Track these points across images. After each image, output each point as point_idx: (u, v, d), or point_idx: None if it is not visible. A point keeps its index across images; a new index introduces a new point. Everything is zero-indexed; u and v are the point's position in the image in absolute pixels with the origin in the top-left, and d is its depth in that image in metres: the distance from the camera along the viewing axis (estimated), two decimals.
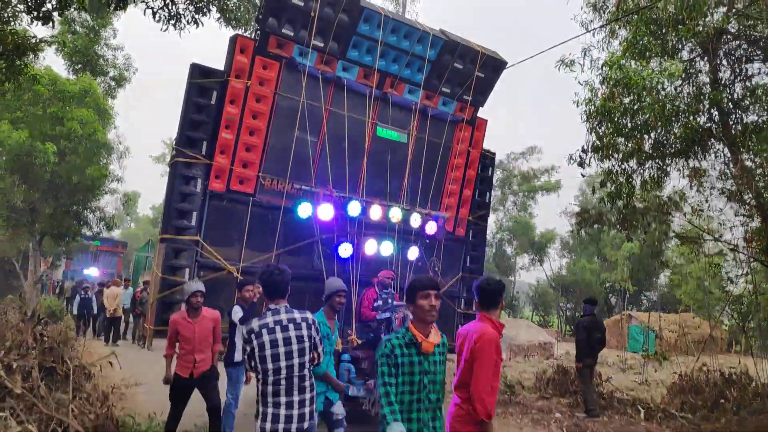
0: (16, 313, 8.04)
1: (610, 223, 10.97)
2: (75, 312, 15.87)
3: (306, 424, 3.47)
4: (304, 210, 7.01)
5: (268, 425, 3.38)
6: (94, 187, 16.10)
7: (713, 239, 11.78)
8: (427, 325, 3.29)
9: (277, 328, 3.43)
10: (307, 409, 3.48)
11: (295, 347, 3.44)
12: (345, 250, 7.37)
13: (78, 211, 16.62)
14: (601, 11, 10.85)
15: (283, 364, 3.40)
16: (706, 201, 10.72)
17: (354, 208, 7.27)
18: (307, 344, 3.51)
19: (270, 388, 3.40)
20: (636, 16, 9.06)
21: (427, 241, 8.18)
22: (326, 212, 7.05)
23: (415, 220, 7.77)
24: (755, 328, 15.90)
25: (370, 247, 7.62)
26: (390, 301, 7.18)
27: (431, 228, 7.90)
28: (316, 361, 3.68)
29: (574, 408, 9.52)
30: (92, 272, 27.28)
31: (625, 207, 10.14)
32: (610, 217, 10.95)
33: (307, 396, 3.50)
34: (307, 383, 3.51)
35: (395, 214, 7.60)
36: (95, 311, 15.87)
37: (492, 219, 37.25)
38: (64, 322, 16.35)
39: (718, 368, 10.30)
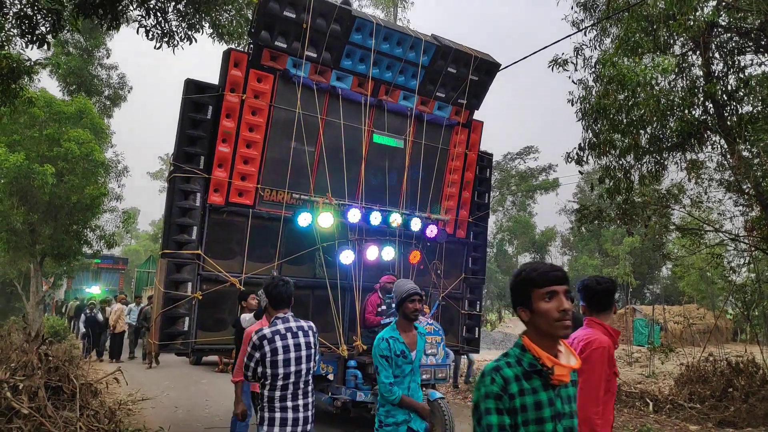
0: (19, 334, 8.04)
1: (610, 218, 11.00)
2: (82, 330, 15.77)
3: (309, 427, 3.67)
4: (304, 219, 7.04)
5: (276, 429, 3.53)
6: (93, 206, 16.11)
7: (714, 230, 11.80)
8: (556, 341, 2.00)
9: (288, 334, 3.61)
10: (310, 413, 3.69)
11: (303, 353, 3.64)
12: (346, 257, 7.39)
13: (78, 231, 16.63)
14: (592, 10, 10.92)
15: (292, 369, 3.57)
16: (705, 193, 10.77)
17: (354, 215, 7.30)
18: (312, 351, 3.71)
19: (278, 393, 3.56)
20: (627, 14, 9.11)
21: (428, 244, 8.20)
22: (326, 220, 7.07)
23: (416, 224, 7.78)
24: (759, 316, 15.91)
25: (372, 252, 7.64)
26: (393, 305, 7.19)
27: (432, 231, 7.92)
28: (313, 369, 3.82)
29: None
30: (94, 290, 27.28)
31: (625, 202, 10.18)
32: (610, 213, 10.98)
33: (310, 400, 3.72)
34: (309, 388, 3.72)
35: (395, 219, 7.62)
36: (100, 329, 15.77)
37: (492, 219, 37.34)
38: (68, 340, 16.35)
39: (725, 357, 10.32)
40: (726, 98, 9.34)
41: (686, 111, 9.29)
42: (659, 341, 21.72)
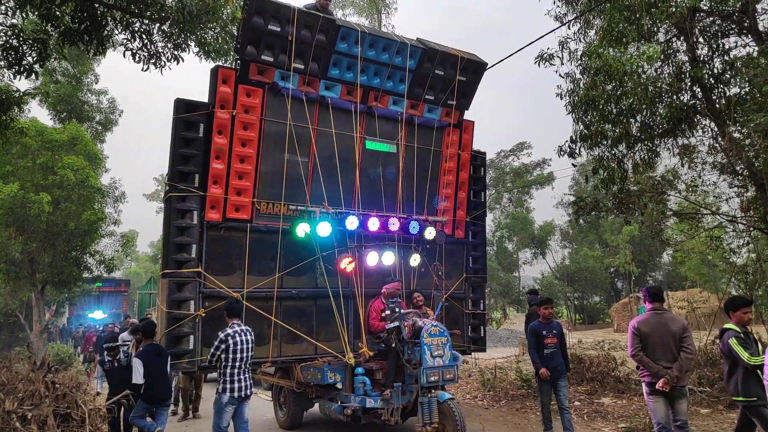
0: (25, 363, 8.01)
1: (607, 208, 11.01)
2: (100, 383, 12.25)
3: (250, 390, 6.18)
4: (302, 230, 7.06)
5: (232, 391, 5.99)
6: (91, 231, 16.10)
7: (711, 213, 11.82)
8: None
9: (240, 333, 6.11)
10: (251, 381, 6.21)
11: (249, 345, 6.16)
12: (347, 264, 7.40)
13: (77, 257, 16.60)
14: (574, 3, 10.98)
15: (244, 354, 6.09)
16: (699, 176, 10.78)
17: (351, 223, 7.32)
18: (252, 344, 6.22)
19: (235, 370, 6.02)
20: (609, 4, 9.17)
21: (428, 246, 8.22)
22: (324, 229, 7.09)
23: (414, 228, 7.81)
24: (764, 295, 15.91)
25: (372, 258, 7.65)
26: (397, 309, 7.20)
27: (430, 233, 7.94)
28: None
29: (592, 395, 9.52)
30: (97, 315, 27.08)
31: (620, 191, 10.19)
32: (606, 203, 11.00)
33: (250, 374, 6.23)
34: (249, 368, 6.21)
35: (393, 223, 7.63)
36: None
37: (490, 218, 37.43)
38: (74, 367, 16.26)
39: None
40: (713, 81, 9.38)
41: (674, 97, 9.33)
42: None
